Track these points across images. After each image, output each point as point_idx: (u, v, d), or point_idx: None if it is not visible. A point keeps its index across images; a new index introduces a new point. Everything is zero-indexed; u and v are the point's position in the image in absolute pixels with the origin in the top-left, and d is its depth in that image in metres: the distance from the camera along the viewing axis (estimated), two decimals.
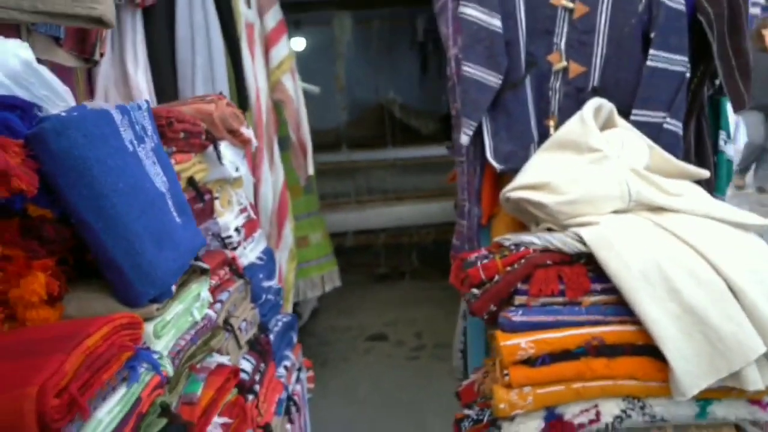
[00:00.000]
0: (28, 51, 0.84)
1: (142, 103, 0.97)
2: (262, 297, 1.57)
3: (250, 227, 1.58)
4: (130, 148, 0.88)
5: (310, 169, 2.66)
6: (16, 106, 0.75)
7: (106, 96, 1.74)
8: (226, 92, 1.95)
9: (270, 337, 1.56)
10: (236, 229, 1.43)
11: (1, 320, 0.75)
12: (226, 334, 1.22)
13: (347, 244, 4.70)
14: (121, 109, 0.89)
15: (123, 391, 0.73)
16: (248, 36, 2.22)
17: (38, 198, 0.74)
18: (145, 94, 1.77)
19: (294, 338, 1.85)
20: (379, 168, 5.06)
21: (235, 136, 1.50)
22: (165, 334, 0.90)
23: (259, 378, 1.39)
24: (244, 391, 1.24)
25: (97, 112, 0.83)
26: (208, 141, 1.31)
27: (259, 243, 1.66)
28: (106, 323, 0.71)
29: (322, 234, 3.54)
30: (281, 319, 1.78)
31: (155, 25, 1.87)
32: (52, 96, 0.88)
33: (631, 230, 1.46)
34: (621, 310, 1.40)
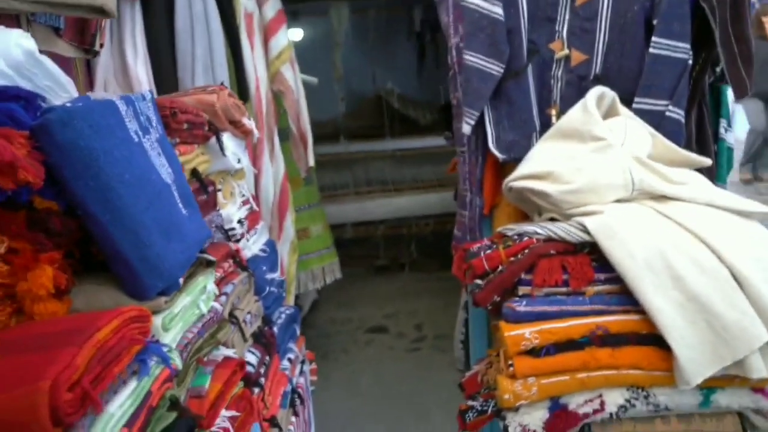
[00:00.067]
0: (30, 41, 0.82)
1: (147, 94, 0.96)
2: (266, 289, 1.56)
3: (252, 219, 1.58)
4: (135, 138, 0.87)
5: (311, 161, 2.64)
6: (20, 96, 0.74)
7: (106, 87, 1.72)
8: (226, 83, 1.94)
9: (274, 330, 1.56)
10: (239, 221, 1.42)
11: (9, 314, 0.74)
12: (232, 327, 1.21)
13: (346, 236, 4.68)
14: (125, 100, 0.88)
15: (134, 384, 0.72)
16: (247, 26, 2.19)
17: (44, 190, 0.73)
18: (144, 85, 1.76)
19: (297, 331, 1.85)
20: (377, 159, 5.02)
21: (236, 127, 1.48)
22: (173, 327, 0.89)
23: (264, 371, 1.39)
24: (249, 384, 1.23)
25: (102, 102, 0.82)
26: (211, 132, 1.30)
27: (262, 235, 1.65)
28: (115, 316, 0.71)
29: (322, 225, 3.52)
30: (284, 311, 1.77)
31: (154, 16, 1.85)
32: (55, 87, 0.87)
33: (635, 219, 1.46)
34: (625, 300, 1.40)
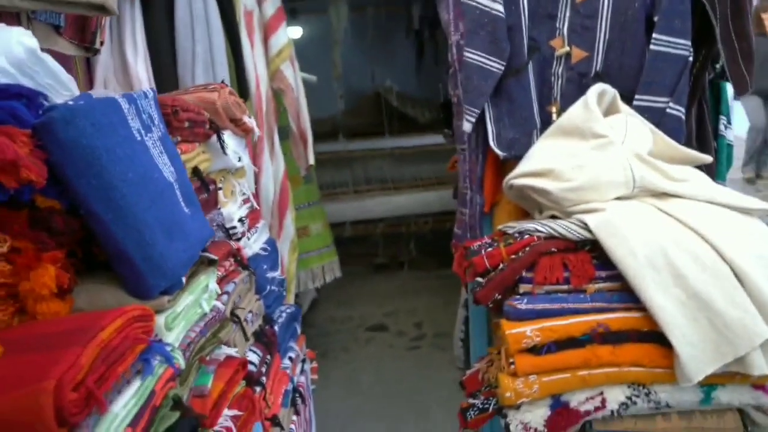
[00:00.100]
0: (32, 39, 0.82)
1: (149, 92, 0.96)
2: (267, 288, 1.56)
3: (253, 218, 1.57)
4: (137, 137, 0.86)
5: (311, 159, 2.63)
6: (21, 94, 0.73)
7: (105, 86, 1.71)
8: (226, 81, 1.93)
9: (275, 329, 1.56)
10: (240, 220, 1.41)
11: (12, 314, 0.74)
12: (233, 326, 1.21)
13: (345, 235, 4.67)
14: (128, 98, 0.87)
15: (137, 384, 0.72)
16: (247, 24, 2.18)
17: (46, 189, 0.73)
18: (144, 84, 1.75)
19: (298, 329, 1.84)
20: (376, 157, 5.01)
21: (237, 125, 1.48)
22: (176, 326, 0.89)
23: (265, 370, 1.38)
24: (251, 383, 1.23)
25: (105, 100, 0.82)
26: (212, 130, 1.29)
27: (263, 233, 1.64)
28: (119, 315, 0.70)
29: (322, 224, 3.51)
30: (285, 310, 1.76)
31: (154, 14, 1.84)
32: (56, 85, 0.86)
33: (636, 216, 1.45)
34: (626, 297, 1.39)
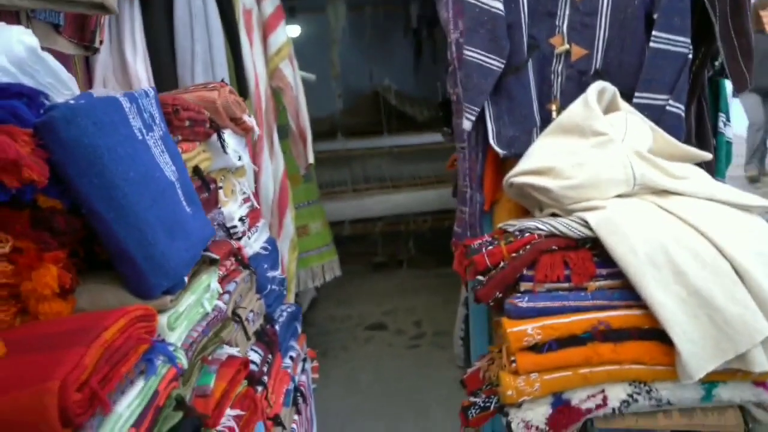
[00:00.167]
0: (32, 38, 0.81)
1: (150, 91, 0.95)
2: (267, 287, 1.55)
3: (253, 217, 1.57)
4: (139, 136, 0.86)
5: (310, 158, 2.62)
6: (22, 93, 0.73)
7: (105, 85, 1.71)
8: (226, 80, 1.92)
9: (276, 328, 1.55)
10: (240, 219, 1.41)
11: (14, 314, 0.73)
12: (235, 325, 1.20)
13: (344, 233, 4.66)
14: (129, 97, 0.87)
15: (141, 384, 0.72)
16: (246, 22, 2.18)
17: (48, 188, 0.72)
18: (144, 83, 1.74)
19: (298, 328, 1.84)
20: (375, 156, 5.00)
21: (237, 124, 1.47)
22: (178, 326, 0.88)
23: (267, 369, 1.38)
24: (253, 383, 1.22)
25: (106, 99, 0.81)
26: (212, 129, 1.29)
27: (263, 233, 1.64)
28: (122, 315, 0.70)
29: (321, 223, 3.50)
30: (285, 309, 1.76)
31: (153, 13, 1.83)
32: (57, 84, 0.86)
33: (637, 214, 1.45)
34: (627, 295, 1.39)
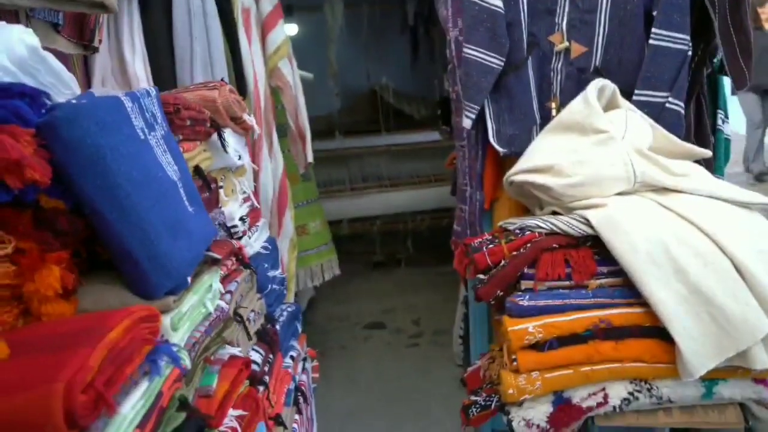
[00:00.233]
0: (33, 37, 0.81)
1: (151, 90, 0.95)
2: (268, 287, 1.55)
3: (253, 216, 1.56)
4: (141, 136, 0.85)
5: (310, 157, 2.61)
6: (24, 93, 0.72)
7: (103, 85, 1.70)
8: (225, 79, 1.91)
9: (277, 328, 1.55)
10: (241, 219, 1.41)
11: (16, 315, 0.73)
12: (237, 325, 1.20)
13: (342, 233, 4.65)
14: (131, 96, 0.86)
15: (145, 385, 0.71)
16: (244, 21, 2.17)
17: (50, 189, 0.72)
18: (143, 82, 1.73)
19: (299, 328, 1.84)
20: (373, 155, 4.99)
21: (237, 123, 1.47)
22: (181, 327, 0.88)
23: (268, 369, 1.37)
24: (255, 383, 1.22)
25: (108, 99, 0.81)
26: (213, 128, 1.28)
27: (263, 232, 1.63)
28: (126, 316, 0.69)
29: (320, 222, 3.49)
30: (286, 308, 1.76)
31: (152, 12, 1.82)
32: (58, 83, 0.85)
33: (638, 212, 1.45)
34: (628, 293, 1.40)
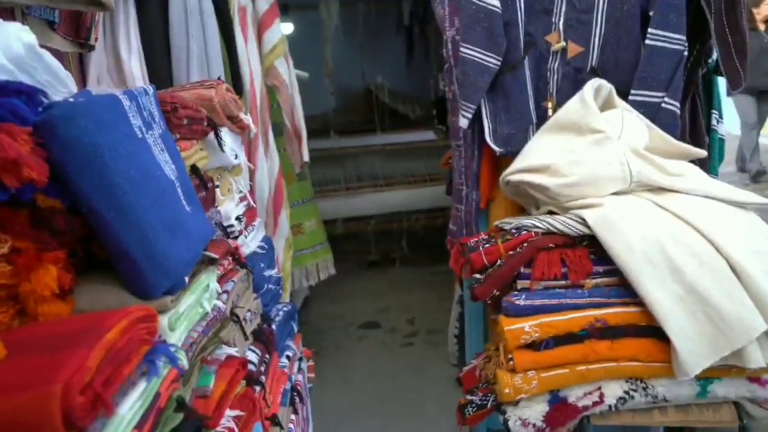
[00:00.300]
0: (30, 35, 0.80)
1: (149, 88, 0.94)
2: (264, 287, 1.55)
3: (250, 216, 1.56)
4: (139, 134, 0.85)
5: (305, 156, 2.60)
6: (21, 91, 0.71)
7: (99, 83, 1.68)
8: (222, 78, 1.90)
9: (273, 328, 1.54)
10: (237, 218, 1.40)
11: (12, 316, 0.72)
12: (233, 325, 1.19)
13: (337, 232, 4.65)
14: (128, 95, 0.86)
15: (143, 386, 0.70)
16: (241, 19, 2.16)
17: (47, 188, 0.71)
18: (139, 81, 1.72)
19: (294, 328, 1.83)
20: (368, 154, 4.99)
21: (234, 122, 1.46)
22: (179, 327, 0.87)
23: (264, 369, 1.37)
24: (251, 383, 1.22)
25: (106, 97, 0.80)
26: (210, 127, 1.28)
27: (259, 232, 1.63)
28: (124, 316, 0.69)
29: (316, 221, 3.48)
30: (281, 308, 1.75)
31: (148, 10, 1.81)
32: (55, 82, 0.84)
33: (634, 211, 1.46)
34: (624, 292, 1.40)
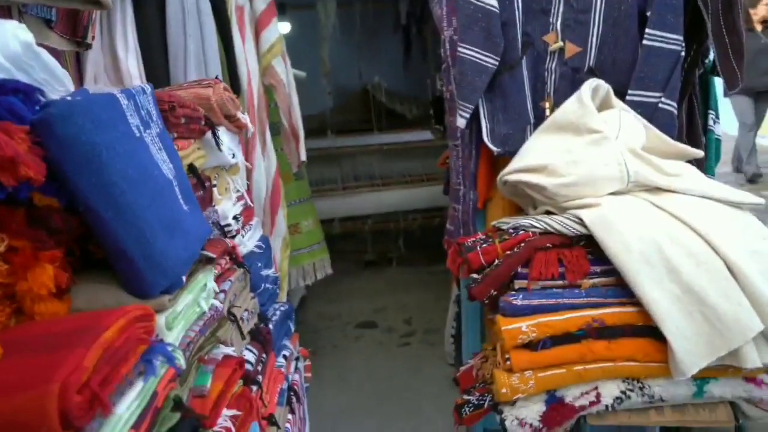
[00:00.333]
0: (27, 33, 0.80)
1: (147, 87, 0.94)
2: (261, 286, 1.54)
3: (247, 215, 1.55)
4: (136, 133, 0.85)
5: (303, 155, 2.60)
6: (18, 90, 0.71)
7: (96, 82, 1.68)
8: (219, 77, 1.90)
9: (270, 327, 1.54)
10: (235, 217, 1.40)
11: (9, 314, 0.72)
12: (230, 324, 1.19)
13: (334, 231, 4.65)
14: (126, 94, 0.85)
15: (140, 385, 0.70)
16: (238, 18, 2.15)
17: (44, 186, 0.71)
18: (136, 80, 1.71)
19: (291, 327, 1.83)
20: (365, 154, 4.99)
21: (231, 121, 1.46)
22: (176, 326, 0.87)
23: (261, 368, 1.37)
24: (248, 382, 1.21)
25: (104, 96, 0.80)
26: (207, 127, 1.28)
27: (256, 231, 1.63)
28: (121, 316, 0.68)
29: (313, 221, 3.48)
30: (278, 308, 1.75)
31: (145, 9, 1.81)
32: (52, 80, 0.84)
33: (631, 211, 1.46)
34: (621, 292, 1.40)
